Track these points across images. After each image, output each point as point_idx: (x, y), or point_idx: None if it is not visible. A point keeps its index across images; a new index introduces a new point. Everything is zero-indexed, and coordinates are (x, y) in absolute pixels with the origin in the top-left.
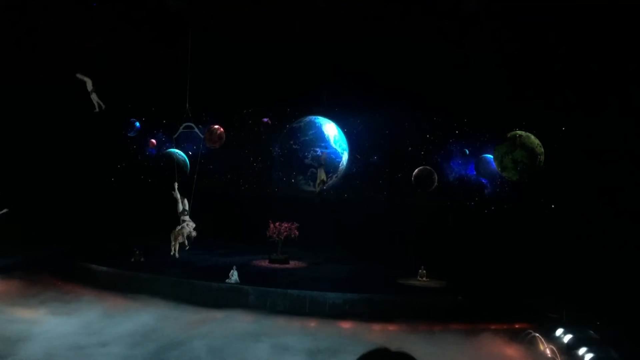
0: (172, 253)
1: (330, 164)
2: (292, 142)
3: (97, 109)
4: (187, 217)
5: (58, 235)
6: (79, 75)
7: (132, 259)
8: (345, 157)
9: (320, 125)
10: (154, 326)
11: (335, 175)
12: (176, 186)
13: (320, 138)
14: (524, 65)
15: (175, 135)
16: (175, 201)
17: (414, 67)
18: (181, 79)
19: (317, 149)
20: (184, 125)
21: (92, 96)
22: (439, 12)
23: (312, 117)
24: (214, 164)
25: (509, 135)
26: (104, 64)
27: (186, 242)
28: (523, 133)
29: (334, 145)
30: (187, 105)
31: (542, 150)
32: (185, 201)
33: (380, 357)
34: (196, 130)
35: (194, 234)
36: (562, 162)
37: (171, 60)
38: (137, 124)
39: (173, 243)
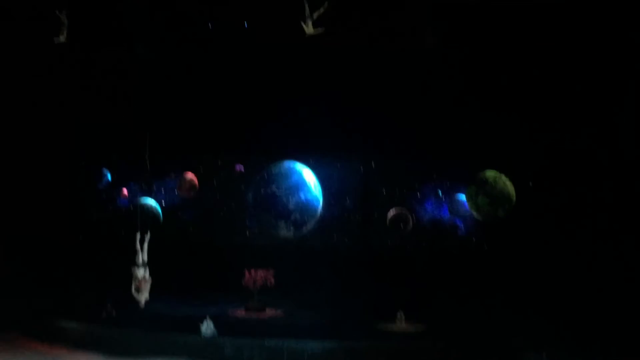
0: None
1: (311, 210)
2: (274, 186)
3: None
4: (142, 271)
5: (27, 290)
6: None
7: (104, 313)
8: (321, 202)
9: (300, 172)
10: None
11: (315, 220)
12: (138, 237)
13: (302, 183)
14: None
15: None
16: (136, 252)
17: (383, 107)
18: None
19: (301, 194)
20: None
21: None
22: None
23: (289, 163)
24: (186, 212)
25: (479, 175)
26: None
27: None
28: (492, 176)
29: (314, 191)
30: (146, 154)
31: (510, 196)
32: (145, 254)
33: None
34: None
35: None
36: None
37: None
38: (109, 175)
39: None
